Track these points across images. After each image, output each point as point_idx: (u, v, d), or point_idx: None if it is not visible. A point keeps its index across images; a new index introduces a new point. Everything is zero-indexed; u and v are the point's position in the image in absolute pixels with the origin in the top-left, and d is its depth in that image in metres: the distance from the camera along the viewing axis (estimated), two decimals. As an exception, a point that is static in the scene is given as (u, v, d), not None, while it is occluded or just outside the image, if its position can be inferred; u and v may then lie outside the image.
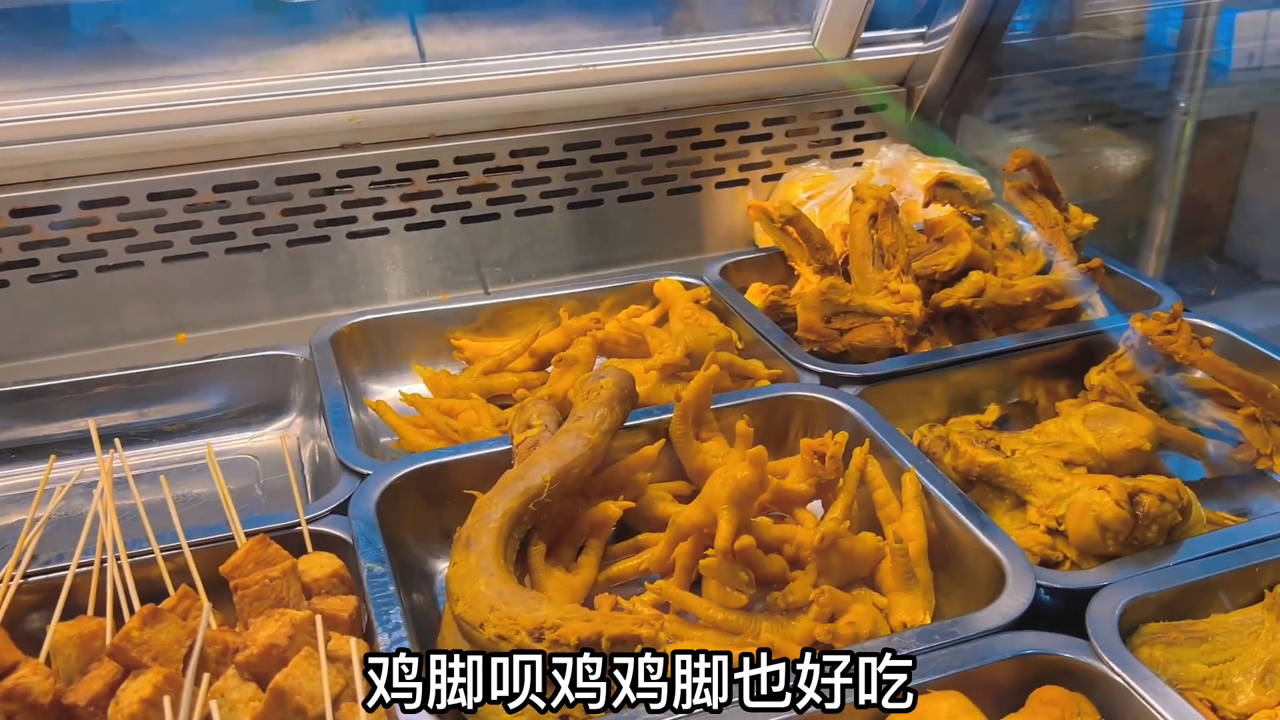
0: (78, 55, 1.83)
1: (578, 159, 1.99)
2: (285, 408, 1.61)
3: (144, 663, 0.96)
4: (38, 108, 1.68)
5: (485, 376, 1.59)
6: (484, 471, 1.28)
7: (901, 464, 1.28)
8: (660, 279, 1.79)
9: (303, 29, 1.99)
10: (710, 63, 2.03)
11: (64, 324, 1.76)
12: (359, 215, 1.88)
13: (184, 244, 1.79)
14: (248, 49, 1.92)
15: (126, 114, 1.72)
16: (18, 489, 1.47)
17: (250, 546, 1.08)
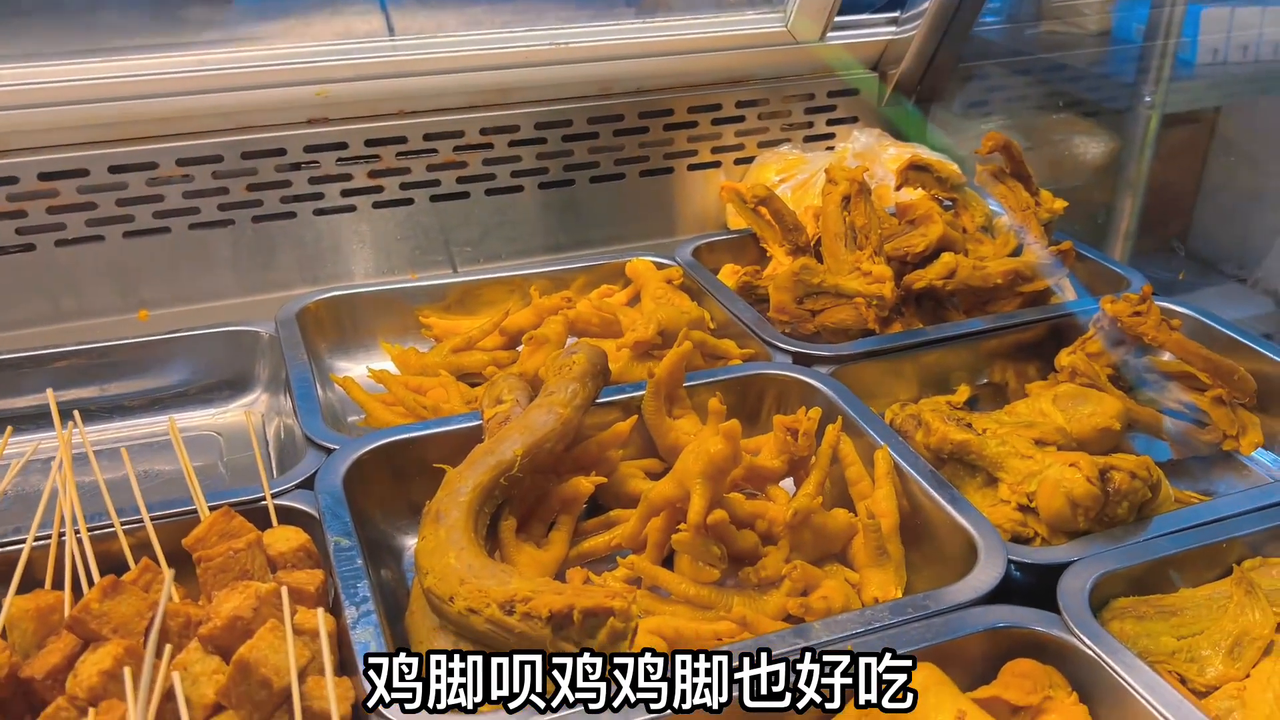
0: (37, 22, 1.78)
1: (549, 138, 1.97)
2: (249, 384, 1.58)
3: (104, 635, 0.94)
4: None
5: (454, 354, 1.58)
6: (453, 447, 1.26)
7: (874, 441, 1.28)
8: (632, 259, 1.78)
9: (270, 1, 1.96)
10: (683, 43, 2.02)
11: (21, 299, 1.71)
12: (326, 191, 1.85)
13: (146, 218, 1.75)
14: (213, 20, 1.89)
15: (87, 84, 1.67)
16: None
17: (214, 519, 1.05)
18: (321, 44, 1.84)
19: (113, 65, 1.70)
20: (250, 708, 0.90)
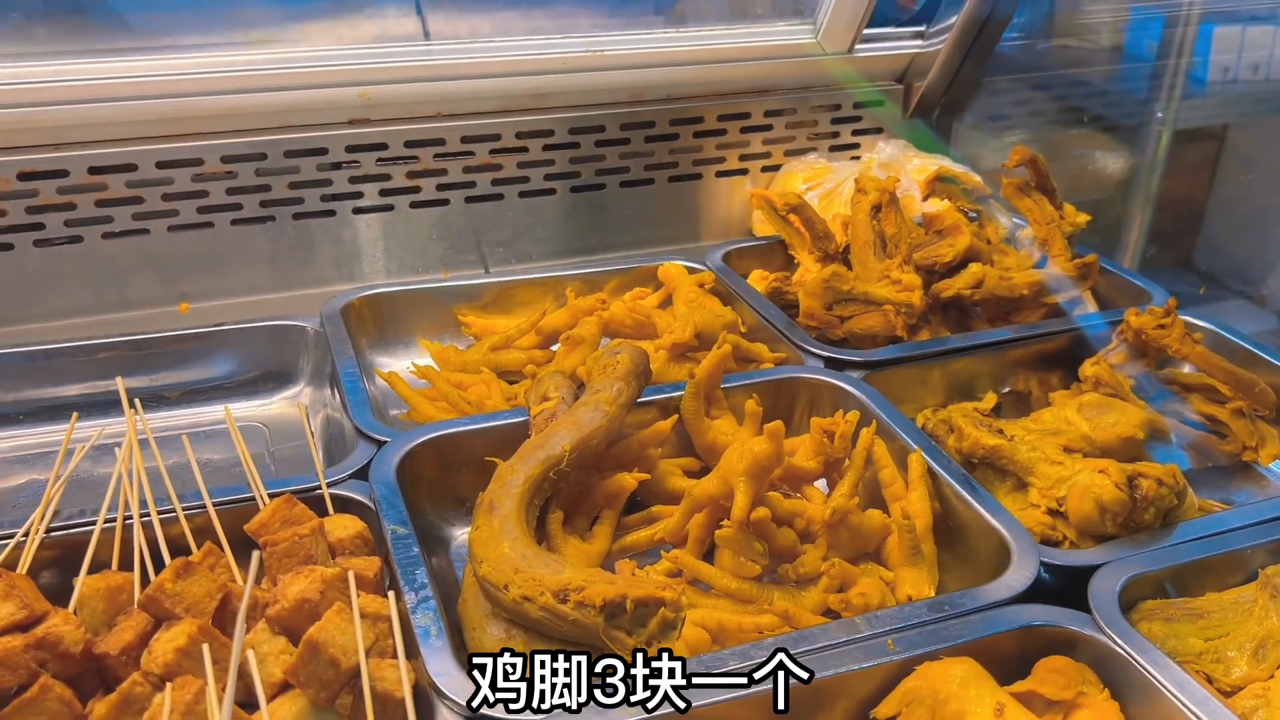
0: (91, 21, 1.82)
1: (582, 143, 2.01)
2: (293, 377, 1.62)
3: (176, 614, 0.98)
4: (49, 71, 1.67)
5: (493, 352, 1.61)
6: (497, 442, 1.30)
7: (906, 445, 1.31)
8: (664, 263, 1.81)
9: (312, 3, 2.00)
10: (714, 52, 2.06)
11: (67, 289, 1.75)
12: (365, 191, 1.89)
13: (190, 213, 1.79)
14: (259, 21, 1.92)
15: (137, 81, 1.72)
16: (25, 449, 1.47)
17: (277, 505, 1.09)
18: (364, 46, 1.88)
19: (162, 64, 1.74)
20: (317, 686, 0.94)
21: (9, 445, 1.47)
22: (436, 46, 1.92)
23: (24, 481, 1.40)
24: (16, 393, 1.51)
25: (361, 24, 2.01)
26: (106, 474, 1.30)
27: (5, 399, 1.51)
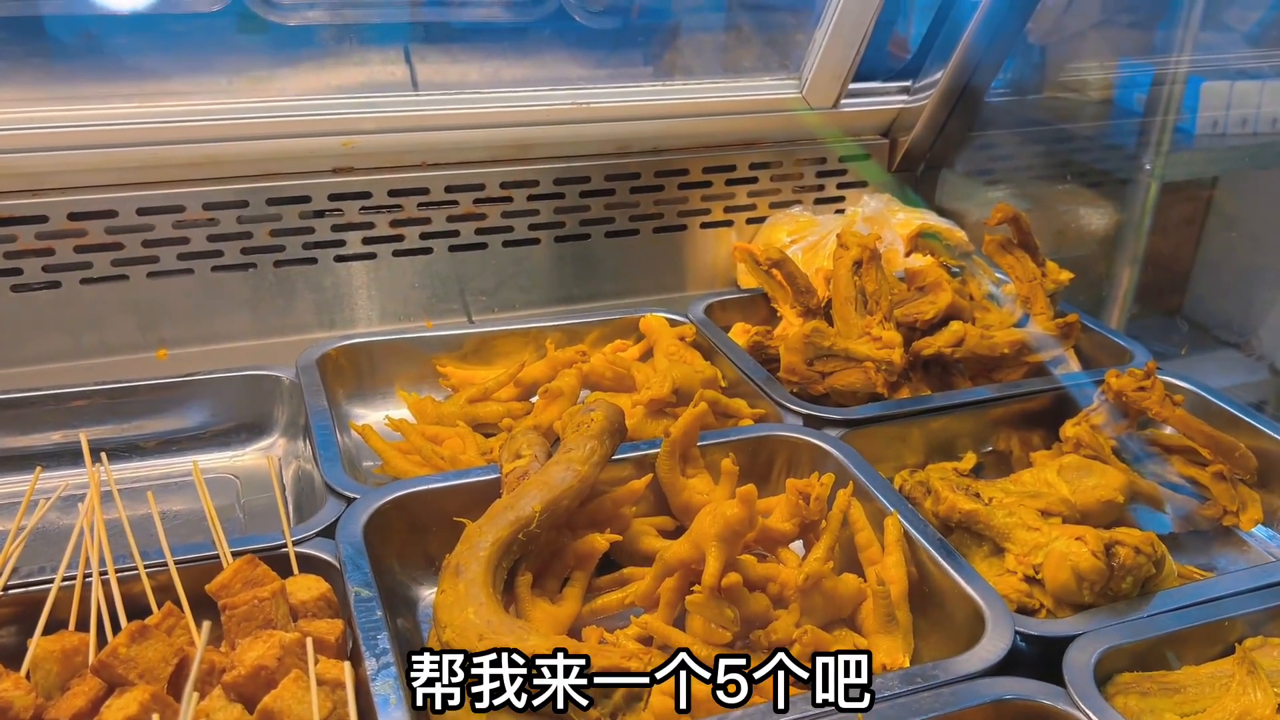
0: (72, 68, 1.83)
1: (567, 193, 2.01)
2: (268, 428, 1.60)
3: (130, 680, 0.95)
4: (29, 117, 1.67)
5: (471, 404, 1.60)
6: (470, 499, 1.29)
7: (883, 507, 1.30)
8: (646, 315, 1.81)
9: (298, 51, 2.01)
10: (700, 106, 2.07)
11: (45, 335, 1.74)
12: (347, 239, 1.89)
13: (170, 260, 1.78)
14: (242, 68, 1.93)
15: (118, 128, 1.72)
16: (-8, 499, 1.45)
17: (239, 566, 1.07)
18: (349, 95, 1.89)
19: (144, 110, 1.74)
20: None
21: (-26, 495, 1.45)
22: (422, 97, 1.93)
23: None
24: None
25: (348, 71, 2.02)
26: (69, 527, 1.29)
27: (-27, 448, 1.49)
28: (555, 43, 2.23)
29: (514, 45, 2.18)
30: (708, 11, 2.39)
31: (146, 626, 0.98)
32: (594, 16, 2.26)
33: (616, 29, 2.29)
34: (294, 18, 2.05)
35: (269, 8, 2.00)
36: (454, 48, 2.20)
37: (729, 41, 2.35)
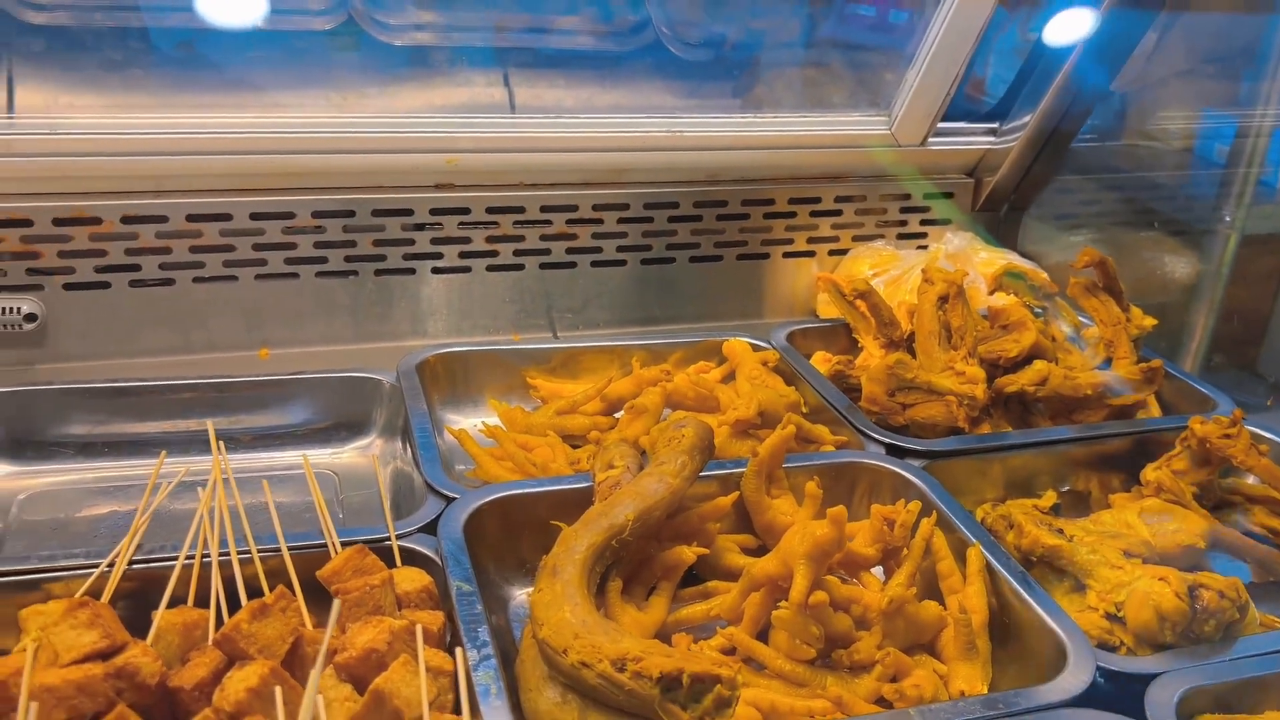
0: (197, 79, 1.93)
1: (656, 218, 2.07)
2: (366, 428, 1.67)
3: (250, 654, 1.01)
4: (157, 123, 1.77)
5: (559, 416, 1.66)
6: (560, 505, 1.34)
7: (965, 538, 1.32)
8: (729, 339, 1.85)
9: (405, 70, 2.10)
10: (789, 139, 2.12)
11: (157, 328, 1.83)
12: (445, 252, 1.96)
13: (278, 263, 1.87)
14: (353, 84, 2.02)
15: (237, 136, 1.81)
16: (108, 481, 1.53)
17: (349, 555, 1.13)
18: (453, 115, 1.97)
19: (261, 120, 1.84)
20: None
21: (94, 476, 1.54)
22: (523, 120, 2.00)
23: (106, 512, 1.46)
24: (104, 426, 1.58)
25: (450, 91, 2.10)
26: (180, 510, 1.36)
27: (94, 432, 1.57)
28: (648, 71, 2.30)
29: (608, 72, 2.25)
30: (796, 47, 2.44)
31: (266, 605, 1.04)
32: (688, 48, 2.32)
33: (708, 60, 2.36)
34: (401, 38, 2.14)
35: (379, 28, 2.10)
36: (551, 73, 2.27)
37: (816, 77, 2.40)
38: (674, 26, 2.29)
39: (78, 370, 1.75)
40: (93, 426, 1.56)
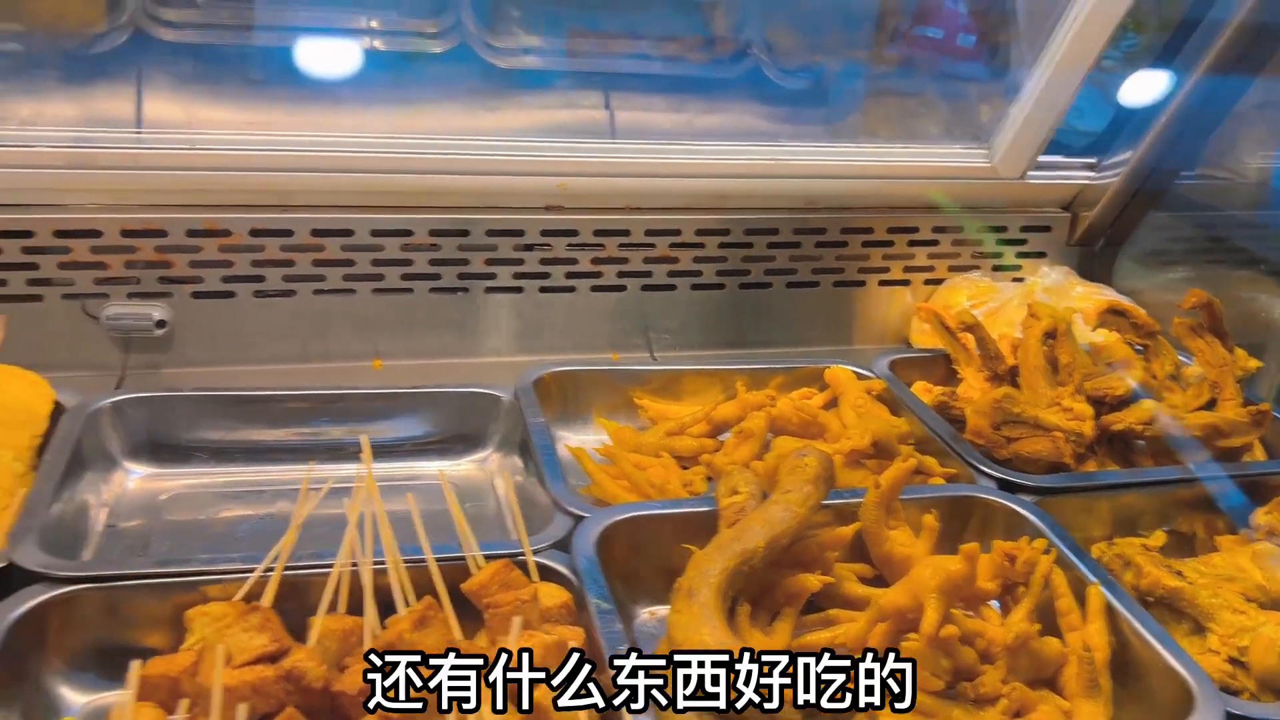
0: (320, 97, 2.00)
1: (755, 243, 2.10)
2: (482, 442, 1.71)
3: (412, 662, 1.06)
4: (286, 141, 1.84)
5: (669, 437, 1.69)
6: (683, 527, 1.38)
7: (1083, 575, 1.34)
8: (831, 366, 1.88)
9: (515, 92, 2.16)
10: (888, 169, 2.14)
11: (276, 338, 1.90)
12: (552, 272, 2.01)
13: (394, 279, 1.93)
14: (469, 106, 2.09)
15: (361, 155, 1.87)
16: (236, 485, 1.59)
17: (496, 569, 1.18)
18: (564, 140, 2.02)
19: (384, 141, 1.90)
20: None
21: (226, 480, 1.60)
22: (629, 145, 2.05)
23: (242, 515, 1.52)
24: (236, 433, 1.64)
25: (556, 113, 2.16)
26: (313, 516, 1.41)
27: (227, 438, 1.64)
28: (746, 97, 2.34)
29: (707, 97, 2.30)
30: (894, 78, 2.47)
31: (426, 615, 1.09)
32: (786, 76, 2.36)
33: (807, 88, 2.39)
34: (509, 61, 2.21)
35: (490, 51, 2.16)
36: (652, 96, 2.33)
37: (914, 107, 2.42)
38: (773, 54, 2.33)
39: (200, 375, 1.82)
40: (226, 432, 1.62)
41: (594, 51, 2.34)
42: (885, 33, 2.46)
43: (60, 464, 1.38)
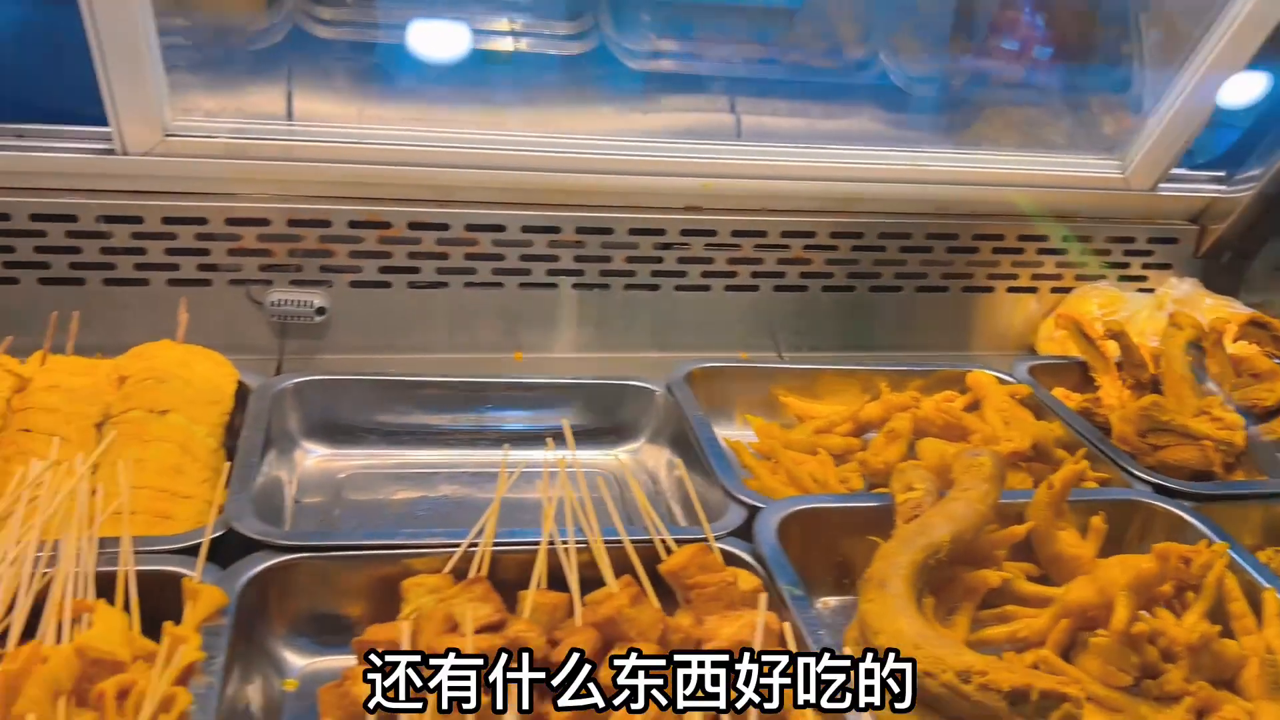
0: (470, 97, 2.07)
1: (887, 247, 2.13)
2: (634, 433, 1.76)
3: (630, 636, 1.10)
4: (447, 138, 1.90)
5: (817, 434, 1.73)
6: (853, 521, 1.42)
7: (1253, 580, 1.36)
8: (973, 370, 1.90)
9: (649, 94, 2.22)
10: (1021, 176, 2.17)
11: (426, 327, 1.96)
12: (689, 271, 2.05)
13: (540, 274, 1.98)
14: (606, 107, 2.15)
15: (514, 154, 1.93)
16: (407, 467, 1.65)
17: (694, 552, 1.22)
18: (704, 141, 2.07)
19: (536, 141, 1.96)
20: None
21: (393, 462, 1.66)
22: (767, 148, 2.09)
23: (416, 496, 1.58)
24: (402, 416, 1.70)
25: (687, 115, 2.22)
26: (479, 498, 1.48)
27: (394, 421, 1.69)
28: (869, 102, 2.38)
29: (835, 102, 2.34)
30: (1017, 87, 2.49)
31: (640, 592, 1.13)
32: (914, 83, 2.39)
33: (935, 95, 2.42)
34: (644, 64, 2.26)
35: (626, 54, 2.22)
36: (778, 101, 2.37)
37: (1036, 116, 2.44)
38: (898, 60, 2.37)
39: (352, 362, 1.88)
40: (397, 416, 1.68)
41: (722, 56, 2.39)
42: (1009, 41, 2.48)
43: (258, 441, 1.45)
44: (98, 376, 1.51)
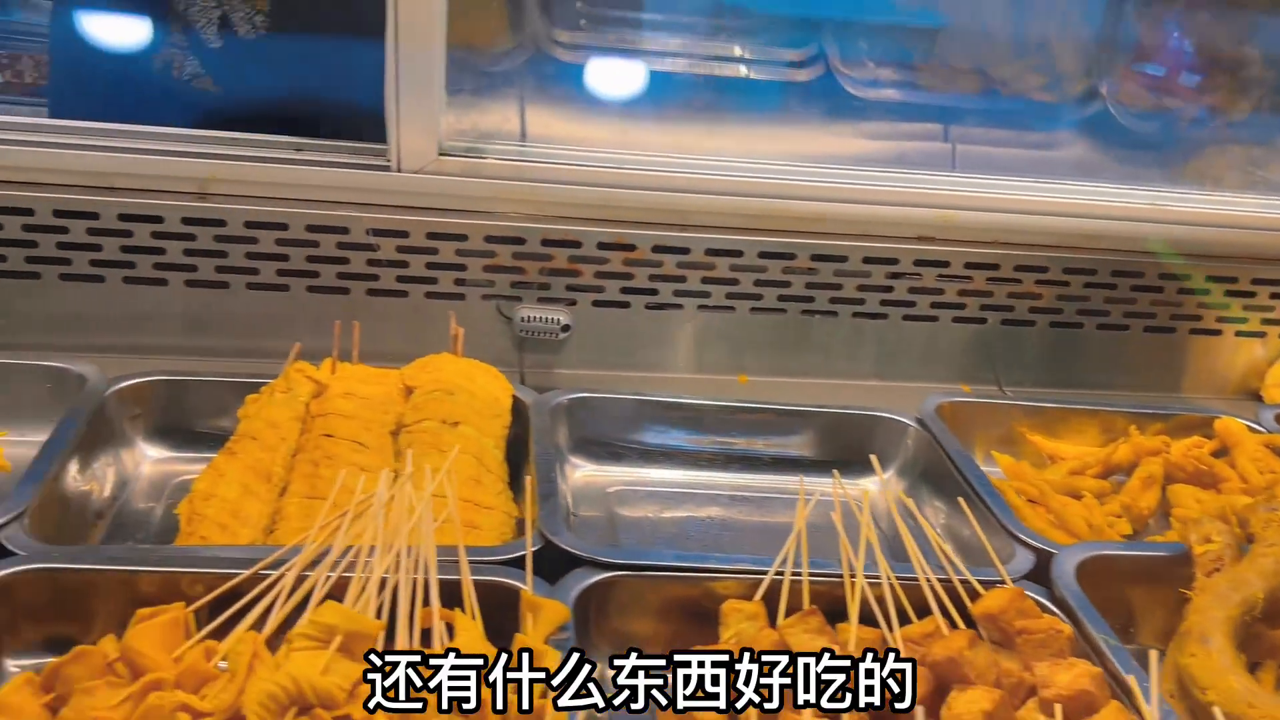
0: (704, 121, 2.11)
1: (1072, 282, 2.09)
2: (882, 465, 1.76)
3: (969, 679, 1.11)
4: (689, 164, 1.93)
5: (1070, 476, 1.72)
6: (1138, 568, 1.41)
7: None
8: (1222, 417, 1.86)
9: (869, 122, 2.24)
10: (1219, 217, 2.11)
11: (656, 348, 1.98)
12: (918, 301, 2.05)
13: (771, 299, 2.00)
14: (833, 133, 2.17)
15: (753, 180, 1.95)
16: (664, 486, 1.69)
17: (1012, 596, 1.22)
18: (934, 173, 2.07)
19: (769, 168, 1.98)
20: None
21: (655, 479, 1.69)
22: (1002, 181, 2.07)
23: (681, 516, 1.61)
24: (661, 435, 1.74)
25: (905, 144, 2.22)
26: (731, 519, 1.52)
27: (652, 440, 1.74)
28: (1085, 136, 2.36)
29: (1050, 136, 2.32)
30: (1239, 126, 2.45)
31: (975, 636, 1.14)
32: (1134, 119, 2.36)
33: (1155, 131, 2.39)
34: (861, 91, 2.28)
35: (850, 81, 2.24)
36: (995, 130, 2.36)
37: (1263, 156, 2.39)
38: (1118, 98, 2.34)
39: (587, 378, 1.93)
40: (656, 435, 1.73)
41: (939, 85, 2.39)
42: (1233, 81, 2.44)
43: (548, 455, 1.49)
44: (388, 385, 1.58)
